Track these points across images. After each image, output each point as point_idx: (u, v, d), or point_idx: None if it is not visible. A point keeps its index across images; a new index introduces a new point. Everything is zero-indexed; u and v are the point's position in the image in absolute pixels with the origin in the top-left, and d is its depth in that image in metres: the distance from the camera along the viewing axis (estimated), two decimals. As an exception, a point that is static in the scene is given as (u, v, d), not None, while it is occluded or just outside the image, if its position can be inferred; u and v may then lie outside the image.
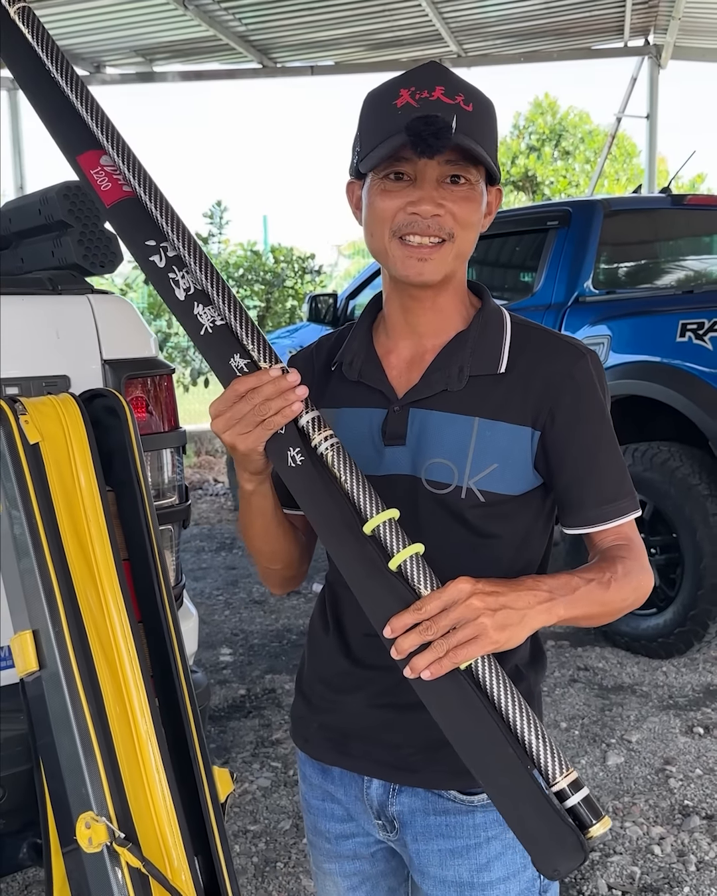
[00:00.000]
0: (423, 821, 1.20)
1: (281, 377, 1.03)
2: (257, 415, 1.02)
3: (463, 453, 1.13)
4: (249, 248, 9.70)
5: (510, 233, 4.58)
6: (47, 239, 2.00)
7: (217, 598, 4.84)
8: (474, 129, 1.07)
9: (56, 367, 1.76)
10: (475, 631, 0.96)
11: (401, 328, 1.21)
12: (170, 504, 1.96)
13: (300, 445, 1.05)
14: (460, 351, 1.17)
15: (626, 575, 1.11)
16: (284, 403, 1.02)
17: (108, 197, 1.17)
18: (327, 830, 1.31)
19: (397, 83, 1.10)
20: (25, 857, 1.67)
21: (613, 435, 1.18)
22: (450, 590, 0.98)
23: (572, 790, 0.99)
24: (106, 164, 1.19)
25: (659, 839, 2.59)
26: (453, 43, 8.63)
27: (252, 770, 3.02)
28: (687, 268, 4.91)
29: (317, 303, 5.49)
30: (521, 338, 1.18)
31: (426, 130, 1.01)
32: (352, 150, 1.16)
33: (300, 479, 1.06)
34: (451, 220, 1.09)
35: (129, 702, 1.41)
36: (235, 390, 1.03)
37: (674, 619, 3.74)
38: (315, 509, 1.06)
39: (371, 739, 1.21)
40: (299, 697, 1.33)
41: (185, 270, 1.12)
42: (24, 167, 9.98)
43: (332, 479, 1.05)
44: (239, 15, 7.71)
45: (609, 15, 8.28)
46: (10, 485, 1.44)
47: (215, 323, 1.10)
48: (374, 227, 1.13)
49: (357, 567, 1.03)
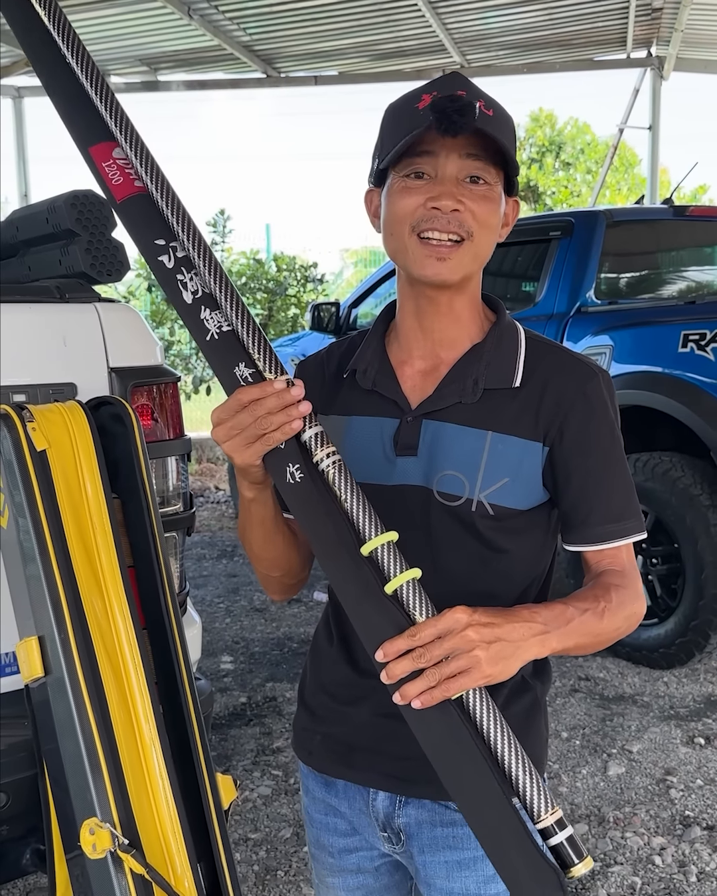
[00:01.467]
0: (430, 832, 1.20)
1: (285, 390, 1.01)
2: (258, 428, 1.01)
3: (475, 466, 1.13)
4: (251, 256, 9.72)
5: (512, 243, 4.60)
6: (55, 247, 2.02)
7: (218, 606, 4.84)
8: (495, 129, 1.07)
9: (63, 374, 1.77)
10: (469, 663, 0.95)
11: (415, 335, 1.20)
12: (175, 511, 1.97)
13: (300, 462, 1.03)
14: (475, 363, 1.17)
15: (620, 604, 1.11)
16: (286, 419, 1.01)
17: (119, 192, 1.13)
18: (331, 844, 1.29)
19: (419, 90, 1.11)
20: (29, 862, 1.67)
21: (622, 456, 1.18)
22: (446, 618, 0.96)
23: (557, 828, 0.97)
24: (119, 157, 1.14)
25: (660, 850, 2.59)
26: (456, 54, 8.67)
27: (253, 778, 3.02)
28: (689, 278, 4.92)
29: (319, 311, 5.50)
30: (535, 353, 1.18)
31: (451, 107, 1.02)
32: (372, 159, 1.17)
33: (298, 495, 1.04)
34: (470, 217, 1.09)
35: (133, 708, 1.42)
36: (239, 400, 1.02)
37: (675, 629, 3.74)
38: (312, 527, 1.04)
39: (377, 751, 1.20)
40: (302, 709, 1.32)
41: (193, 272, 1.09)
42: (28, 175, 10.02)
43: (332, 498, 1.03)
44: (243, 25, 7.74)
45: (612, 26, 8.32)
46: (17, 492, 1.45)
47: (221, 329, 1.07)
48: (394, 225, 1.12)
49: (352, 589, 1.01)
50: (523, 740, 1.18)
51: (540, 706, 1.22)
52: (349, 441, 1.20)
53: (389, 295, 5.39)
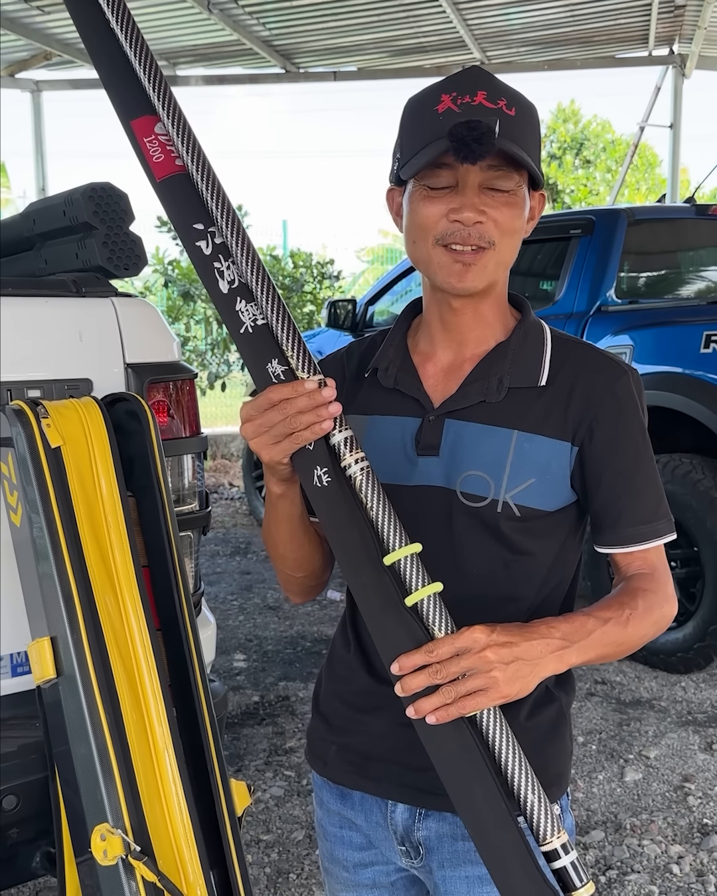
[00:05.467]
0: (451, 846, 1.17)
1: (317, 391, 0.99)
2: (287, 426, 0.99)
3: (500, 466, 1.11)
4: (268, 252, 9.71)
5: (532, 240, 4.55)
6: (71, 241, 1.99)
7: (231, 604, 4.82)
8: (517, 134, 1.05)
9: (79, 370, 1.74)
10: (486, 683, 0.95)
11: (440, 335, 1.18)
12: (190, 510, 1.94)
13: (328, 465, 1.02)
14: (500, 362, 1.15)
15: (647, 610, 1.08)
16: (316, 419, 0.99)
17: (159, 170, 1.09)
18: (345, 859, 1.26)
19: (438, 88, 1.09)
20: (38, 865, 1.65)
21: (652, 455, 1.15)
22: (464, 637, 0.96)
23: (562, 852, 0.98)
24: (160, 133, 1.09)
25: (678, 858, 2.55)
26: (476, 50, 8.61)
27: (265, 779, 3.00)
28: (711, 278, 4.86)
29: (336, 308, 5.48)
30: (562, 351, 1.16)
31: (469, 136, 0.99)
32: (392, 157, 1.15)
33: (325, 499, 1.02)
34: (492, 227, 1.07)
35: (146, 711, 1.40)
36: (269, 398, 1.00)
37: (694, 633, 3.69)
38: (336, 533, 1.03)
39: (395, 762, 1.17)
40: (317, 718, 1.28)
41: (231, 261, 1.06)
42: (46, 169, 10.02)
43: (357, 505, 1.02)
44: (263, 20, 7.71)
45: (634, 24, 8.25)
46: (30, 489, 1.43)
47: (257, 322, 1.05)
48: (416, 234, 1.11)
49: (373, 598, 1.00)
50: (547, 752, 1.15)
51: (565, 717, 1.19)
52: (370, 440, 1.18)
53: (406, 292, 5.35)
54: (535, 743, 1.13)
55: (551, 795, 1.14)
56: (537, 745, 1.14)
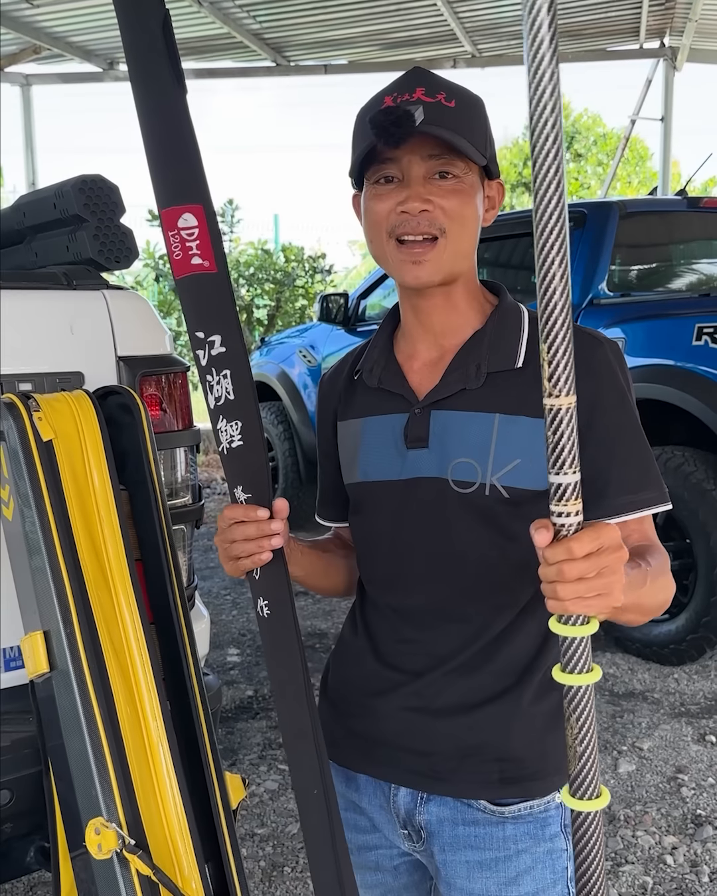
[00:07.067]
0: (451, 831, 1.18)
1: (266, 521, 1.07)
2: (235, 550, 1.08)
3: (485, 450, 1.12)
4: (259, 246, 9.69)
5: (523, 234, 4.55)
6: (62, 233, 1.98)
7: (225, 598, 4.81)
8: (455, 123, 1.07)
9: (70, 363, 1.73)
10: (611, 587, 0.84)
11: (417, 331, 1.21)
12: (183, 504, 1.93)
13: (270, 597, 1.11)
14: (477, 349, 1.16)
15: (660, 569, 1.07)
16: (257, 550, 1.07)
17: (177, 268, 1.10)
18: (349, 841, 1.27)
19: (382, 93, 1.12)
20: (33, 860, 1.65)
21: (637, 424, 1.14)
22: (609, 530, 0.84)
23: None
24: (183, 226, 1.08)
25: (672, 849, 2.56)
26: (467, 43, 8.59)
27: (259, 773, 3.00)
28: (703, 271, 4.87)
29: (328, 302, 5.47)
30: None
31: (387, 120, 1.04)
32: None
33: (266, 629, 1.12)
34: (441, 214, 1.09)
35: (140, 705, 1.39)
36: (226, 515, 1.09)
37: (686, 625, 3.70)
38: (273, 661, 1.15)
39: (400, 746, 1.19)
40: (325, 703, 1.31)
41: (222, 375, 1.09)
42: (36, 164, 9.97)
43: (295, 637, 1.11)
44: (253, 13, 7.68)
45: (625, 17, 8.23)
46: (22, 483, 1.42)
47: (231, 444, 1.10)
48: (372, 232, 1.14)
49: (287, 726, 1.13)
50: (548, 740, 1.16)
51: None
52: (365, 441, 1.22)
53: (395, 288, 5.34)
54: (537, 730, 1.14)
55: (552, 783, 1.15)
56: (538, 732, 1.15)
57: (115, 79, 9.26)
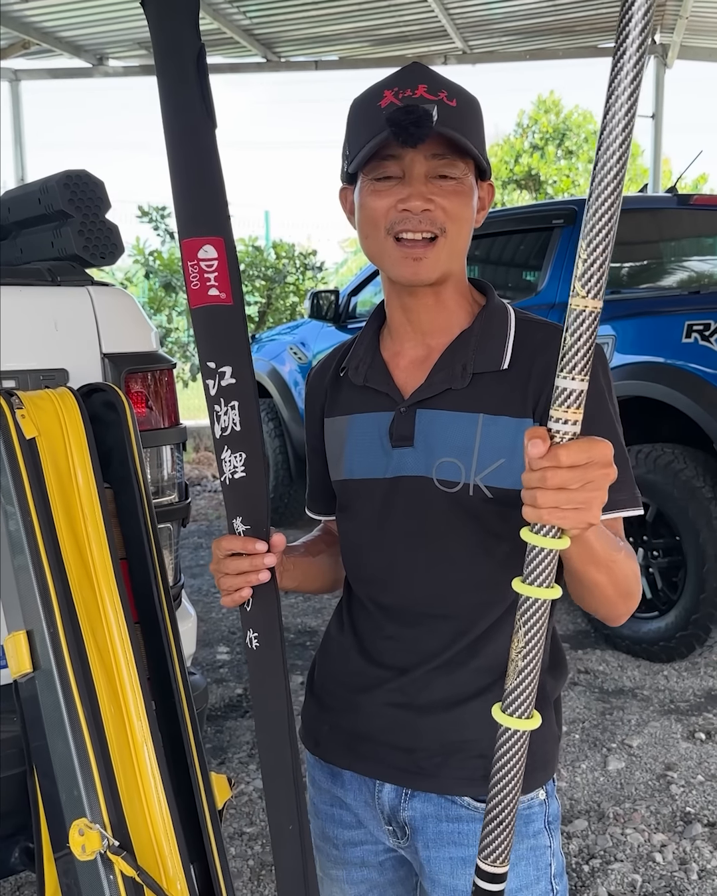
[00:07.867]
0: (435, 827, 1.18)
1: (260, 555, 1.08)
2: (228, 582, 1.09)
3: (469, 450, 1.12)
4: (250, 243, 9.66)
5: (514, 231, 4.54)
6: (47, 229, 1.96)
7: (214, 596, 4.80)
8: (459, 123, 1.07)
9: (54, 360, 1.72)
10: (592, 500, 0.84)
11: (404, 329, 1.20)
12: (169, 502, 1.92)
13: (260, 630, 1.12)
14: (463, 349, 1.16)
15: (630, 555, 1.07)
16: (244, 583, 1.08)
17: (193, 298, 1.10)
18: (335, 836, 1.28)
19: (380, 86, 1.10)
20: (17, 861, 1.64)
21: (614, 429, 1.13)
22: (602, 445, 0.84)
23: None
24: (203, 258, 1.10)
25: (661, 847, 2.56)
26: (458, 39, 8.58)
27: (248, 771, 2.99)
28: (693, 268, 4.87)
29: (318, 299, 5.45)
30: (525, 334, 1.17)
31: (407, 120, 1.02)
32: (342, 157, 1.17)
33: (254, 662, 1.13)
34: (441, 214, 1.09)
35: (125, 705, 1.38)
36: (222, 546, 1.10)
37: (676, 622, 3.71)
38: (256, 695, 1.16)
39: (384, 742, 1.19)
40: (311, 699, 1.31)
41: (230, 406, 1.10)
42: (25, 160, 9.92)
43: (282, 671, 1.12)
44: (244, 8, 7.65)
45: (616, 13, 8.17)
46: (5, 481, 1.40)
47: (234, 475, 1.10)
48: (368, 228, 1.13)
49: (269, 759, 1.14)
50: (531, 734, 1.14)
51: (548, 702, 1.20)
52: (351, 439, 1.21)
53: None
54: None
55: (536, 780, 1.15)
56: None
57: (105, 74, 9.22)
